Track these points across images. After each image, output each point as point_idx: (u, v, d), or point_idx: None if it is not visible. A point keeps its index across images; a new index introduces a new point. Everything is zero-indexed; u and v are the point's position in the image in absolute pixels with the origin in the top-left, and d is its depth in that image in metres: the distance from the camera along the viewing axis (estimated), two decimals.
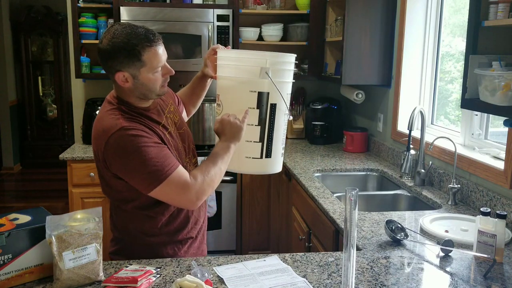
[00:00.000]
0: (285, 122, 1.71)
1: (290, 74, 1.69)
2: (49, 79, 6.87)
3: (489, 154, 2.21)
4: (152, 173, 1.46)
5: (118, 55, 1.48)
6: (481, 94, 1.70)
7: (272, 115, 1.62)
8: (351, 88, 3.44)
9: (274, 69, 1.59)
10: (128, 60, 1.48)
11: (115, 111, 1.55)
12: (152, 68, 1.51)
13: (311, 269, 1.51)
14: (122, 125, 1.49)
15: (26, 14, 6.57)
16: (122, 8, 3.29)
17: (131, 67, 1.50)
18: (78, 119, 3.75)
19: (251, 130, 1.64)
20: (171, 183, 1.48)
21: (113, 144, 1.48)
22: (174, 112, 1.74)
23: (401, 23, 2.90)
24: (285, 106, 1.65)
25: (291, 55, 1.68)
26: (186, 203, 1.54)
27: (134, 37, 1.47)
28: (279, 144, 1.70)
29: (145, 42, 1.48)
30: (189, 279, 1.30)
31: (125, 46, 1.47)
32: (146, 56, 1.49)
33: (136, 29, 1.49)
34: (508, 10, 1.62)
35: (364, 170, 2.92)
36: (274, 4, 3.63)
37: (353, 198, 1.20)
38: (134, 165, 1.47)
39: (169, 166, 1.48)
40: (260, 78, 1.57)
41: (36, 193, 5.86)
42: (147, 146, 1.47)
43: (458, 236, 1.78)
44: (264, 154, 1.66)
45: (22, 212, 1.44)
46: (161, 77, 1.56)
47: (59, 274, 1.33)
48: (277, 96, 1.62)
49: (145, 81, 1.52)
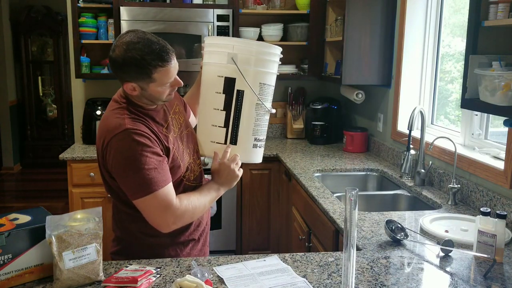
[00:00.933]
0: (258, 112, 1.67)
1: (266, 64, 1.66)
2: (49, 79, 6.87)
3: (489, 154, 2.21)
4: (141, 184, 1.47)
5: (130, 69, 1.48)
6: (481, 94, 1.70)
7: (238, 102, 1.61)
8: (351, 88, 3.44)
9: (244, 56, 1.59)
10: (138, 76, 1.49)
11: (121, 111, 1.55)
12: (162, 84, 1.52)
13: (311, 269, 1.51)
14: (126, 126, 1.49)
15: (26, 14, 6.57)
16: (122, 8, 3.29)
17: (141, 81, 1.50)
18: (78, 119, 3.75)
19: (217, 115, 1.64)
20: (155, 199, 1.48)
21: (114, 144, 1.49)
22: (179, 113, 1.74)
23: (401, 23, 2.90)
24: (254, 95, 1.63)
25: (264, 44, 1.67)
26: (161, 223, 1.53)
27: (148, 54, 1.46)
28: (247, 132, 1.67)
29: (158, 61, 1.47)
30: (189, 279, 1.30)
31: (137, 63, 1.46)
32: (157, 75, 1.49)
33: (151, 45, 1.47)
34: (508, 10, 1.62)
35: (364, 170, 2.91)
36: (274, 4, 3.63)
37: (353, 198, 1.20)
38: (127, 170, 1.48)
39: (160, 182, 1.48)
40: (226, 63, 1.59)
41: (36, 193, 5.86)
42: (145, 156, 1.47)
43: (458, 236, 1.78)
44: (228, 140, 1.65)
45: (22, 212, 1.44)
46: (169, 89, 1.57)
47: (59, 274, 1.33)
48: (245, 84, 1.61)
49: (153, 93, 1.54)
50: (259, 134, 1.71)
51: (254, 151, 1.73)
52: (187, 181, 1.67)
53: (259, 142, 1.73)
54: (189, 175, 1.68)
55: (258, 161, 1.77)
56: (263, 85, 1.65)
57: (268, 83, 1.68)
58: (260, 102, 1.65)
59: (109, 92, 3.70)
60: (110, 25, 3.45)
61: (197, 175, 1.72)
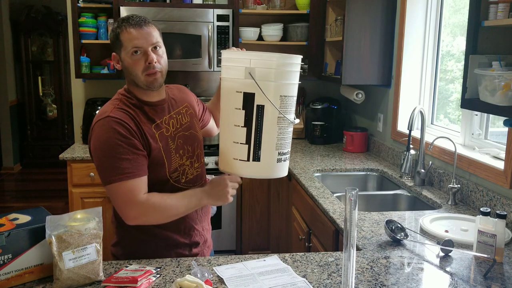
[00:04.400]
0: (281, 125, 1.60)
1: (286, 75, 1.59)
2: (49, 79, 6.87)
3: (489, 154, 2.21)
4: (111, 170, 1.51)
5: (111, 37, 1.61)
6: (481, 94, 1.70)
7: (259, 117, 1.55)
8: (351, 88, 3.44)
9: (263, 70, 1.54)
10: (113, 40, 1.60)
11: (115, 101, 1.62)
12: (127, 49, 1.56)
13: (311, 269, 1.51)
14: (109, 114, 1.55)
15: (26, 14, 6.57)
16: (122, 8, 3.29)
17: (116, 48, 1.60)
18: (78, 119, 3.75)
19: (238, 131, 1.58)
20: (122, 188, 1.51)
21: (95, 130, 1.56)
22: (184, 114, 1.73)
23: (401, 23, 2.90)
24: (275, 109, 1.56)
25: (283, 56, 1.60)
26: (123, 213, 1.55)
27: (123, 20, 1.58)
28: (270, 147, 1.60)
29: (124, 23, 1.57)
30: (189, 279, 1.30)
31: (114, 28, 1.60)
32: (123, 37, 1.56)
33: (129, 15, 1.60)
34: (508, 10, 1.62)
35: (364, 170, 2.92)
36: (274, 4, 3.63)
37: (353, 198, 1.20)
38: (101, 155, 1.54)
39: (129, 173, 1.50)
40: (244, 78, 1.54)
41: (36, 193, 5.86)
42: (120, 145, 1.51)
43: (458, 236, 1.78)
44: (251, 157, 1.58)
45: (22, 212, 1.44)
46: (142, 64, 1.56)
47: (59, 274, 1.33)
48: (265, 98, 1.55)
49: (126, 63, 1.59)
50: (282, 148, 1.63)
51: (279, 165, 1.65)
52: (176, 183, 1.65)
53: (283, 156, 1.64)
54: (177, 176, 1.65)
55: (283, 175, 1.69)
56: (284, 97, 1.58)
57: (290, 94, 1.61)
58: (282, 115, 1.58)
59: (109, 92, 3.70)
60: (110, 25, 3.45)
61: (190, 178, 1.69)
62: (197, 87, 3.86)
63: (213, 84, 3.90)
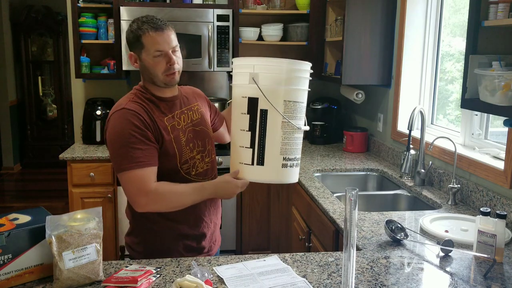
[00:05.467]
0: (286, 130, 1.62)
1: (290, 81, 1.61)
2: (49, 79, 6.87)
3: (489, 154, 2.21)
4: (123, 158, 1.59)
5: (129, 38, 1.68)
6: (481, 94, 1.70)
7: (263, 121, 1.59)
8: (351, 88, 3.44)
9: (266, 75, 1.57)
10: (133, 41, 1.66)
11: (131, 95, 1.71)
12: (150, 51, 1.64)
13: (311, 269, 1.51)
14: (124, 106, 1.64)
15: (26, 14, 6.57)
16: (122, 8, 3.29)
17: (135, 49, 1.67)
18: (78, 119, 3.75)
19: (243, 136, 1.62)
20: (133, 176, 1.59)
21: (111, 121, 1.64)
22: (195, 111, 1.81)
23: (401, 23, 2.90)
24: (279, 113, 1.59)
25: (287, 61, 1.61)
26: (133, 201, 1.62)
27: (142, 22, 1.65)
28: (274, 152, 1.61)
29: (147, 26, 1.63)
30: (189, 279, 1.30)
31: (133, 29, 1.66)
32: (145, 40, 1.63)
33: (147, 17, 1.67)
34: (508, 10, 1.62)
35: (364, 170, 2.91)
36: (274, 4, 3.63)
37: (353, 198, 1.20)
38: (115, 144, 1.61)
39: (141, 162, 1.58)
40: (248, 83, 1.58)
41: (36, 193, 5.86)
42: (133, 135, 1.59)
43: (458, 236, 1.78)
44: (255, 161, 1.62)
45: (22, 212, 1.44)
46: (164, 65, 1.66)
47: (59, 274, 1.33)
48: (267, 103, 1.58)
49: (147, 64, 1.66)
50: (288, 153, 1.64)
51: (285, 171, 1.65)
52: (186, 174, 1.71)
53: (289, 162, 1.65)
54: (188, 168, 1.71)
55: (292, 181, 1.71)
56: (288, 103, 1.60)
57: (295, 100, 1.62)
58: (286, 120, 1.60)
59: (109, 92, 3.70)
60: (110, 25, 3.45)
61: (200, 171, 1.76)
62: (197, 87, 3.83)
63: (213, 84, 3.90)
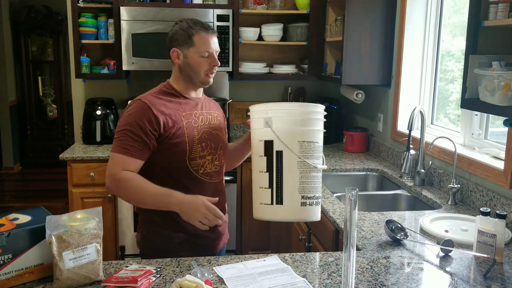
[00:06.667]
0: (303, 169, 1.64)
1: (303, 122, 1.66)
2: (49, 79, 6.86)
3: (489, 154, 2.21)
4: (116, 141, 1.68)
5: (176, 35, 1.77)
6: (481, 94, 1.70)
7: (279, 162, 1.65)
8: (351, 88, 3.44)
9: (278, 118, 1.64)
10: (181, 38, 1.75)
11: (154, 89, 1.81)
12: (199, 50, 1.73)
13: (311, 269, 1.51)
14: (141, 97, 1.73)
15: (26, 14, 6.57)
16: (122, 8, 3.29)
17: (183, 45, 1.75)
18: (78, 119, 3.75)
19: (262, 177, 1.67)
20: (113, 158, 1.68)
21: (126, 108, 1.75)
22: (214, 117, 1.87)
23: (401, 23, 2.90)
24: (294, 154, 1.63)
25: (299, 104, 1.71)
26: (106, 178, 1.70)
27: (193, 23, 1.76)
28: (292, 191, 1.64)
29: (199, 26, 1.75)
30: (189, 279, 1.30)
31: (183, 28, 1.76)
32: (196, 38, 1.73)
33: (195, 19, 1.79)
34: (508, 10, 1.63)
35: (364, 170, 2.91)
36: (274, 4, 3.63)
37: (353, 198, 1.20)
38: (118, 128, 1.71)
39: (126, 150, 1.65)
40: (263, 127, 1.65)
41: (36, 193, 5.86)
42: (133, 125, 1.66)
43: (458, 236, 1.78)
44: (274, 201, 1.65)
45: (22, 212, 1.44)
46: (207, 65, 1.76)
47: (59, 274, 1.33)
48: (281, 144, 1.63)
49: (192, 61, 1.75)
50: (307, 191, 1.65)
51: (304, 209, 1.66)
52: (194, 171, 1.75)
53: (308, 200, 1.66)
54: (196, 166, 1.75)
55: (313, 219, 1.70)
56: (303, 143, 1.64)
57: (309, 140, 1.66)
58: (301, 160, 1.64)
59: (109, 92, 3.70)
60: (110, 25, 3.45)
61: (208, 172, 1.80)
62: None
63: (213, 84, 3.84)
